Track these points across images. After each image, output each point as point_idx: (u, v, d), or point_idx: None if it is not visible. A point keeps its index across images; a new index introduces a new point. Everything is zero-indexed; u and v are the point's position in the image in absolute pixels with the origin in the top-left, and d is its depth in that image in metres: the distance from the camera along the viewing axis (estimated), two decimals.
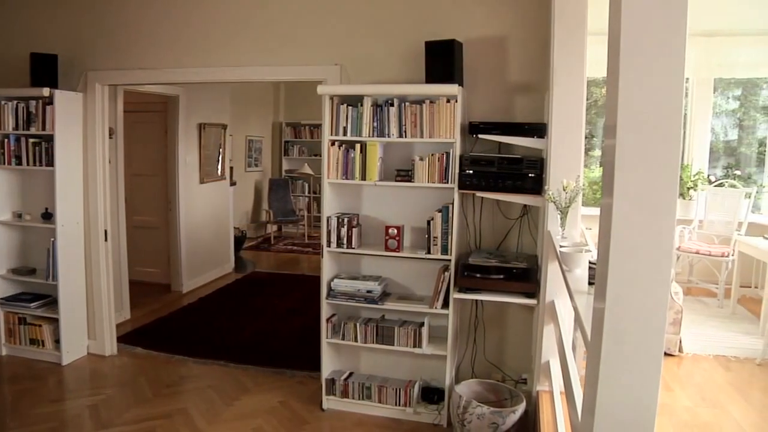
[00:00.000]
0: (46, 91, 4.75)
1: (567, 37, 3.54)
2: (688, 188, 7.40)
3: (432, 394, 4.29)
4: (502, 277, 3.81)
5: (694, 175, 7.43)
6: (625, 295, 1.44)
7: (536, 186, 3.78)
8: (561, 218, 3.24)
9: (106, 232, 5.25)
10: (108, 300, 5.35)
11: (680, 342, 4.93)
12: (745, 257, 6.24)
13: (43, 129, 4.87)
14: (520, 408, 3.78)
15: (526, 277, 3.80)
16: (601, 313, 1.49)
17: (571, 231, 3.34)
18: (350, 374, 4.48)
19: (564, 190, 3.23)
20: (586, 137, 9.39)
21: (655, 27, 1.38)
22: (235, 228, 9.35)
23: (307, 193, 12.13)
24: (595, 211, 6.60)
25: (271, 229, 11.58)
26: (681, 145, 1.39)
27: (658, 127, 1.36)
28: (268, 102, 11.99)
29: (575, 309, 2.16)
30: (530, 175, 3.79)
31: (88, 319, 5.31)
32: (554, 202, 3.25)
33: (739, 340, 5.35)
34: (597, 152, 9.05)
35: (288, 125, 12.27)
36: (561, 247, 2.86)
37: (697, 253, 6.60)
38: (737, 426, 3.82)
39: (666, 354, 4.91)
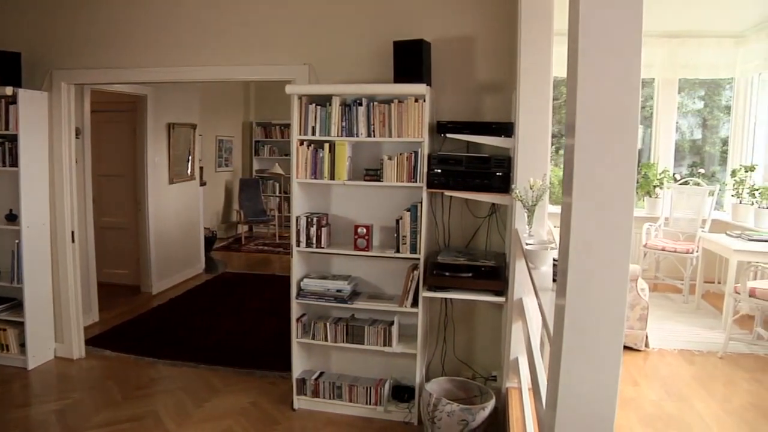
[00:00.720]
0: (9, 90, 4.67)
1: (534, 37, 3.57)
2: (655, 186, 7.52)
3: (403, 393, 4.31)
4: (470, 275, 3.84)
5: (660, 174, 7.55)
6: (585, 290, 1.47)
7: (504, 185, 3.81)
8: (528, 216, 3.28)
9: (73, 233, 5.18)
10: (75, 302, 5.28)
11: (646, 337, 5.02)
12: (708, 253, 6.37)
13: (6, 129, 4.79)
14: (490, 405, 3.81)
15: (494, 275, 3.83)
16: (562, 308, 1.51)
17: (538, 229, 3.38)
18: (321, 374, 4.48)
19: (531, 188, 3.26)
20: (555, 136, 9.49)
21: (612, 29, 1.40)
22: (205, 228, 9.28)
23: (278, 193, 12.08)
24: None
25: (242, 229, 11.52)
26: (637, 144, 1.42)
27: (615, 126, 1.39)
28: (239, 102, 11.93)
29: (540, 306, 2.19)
30: (498, 173, 3.82)
31: (55, 322, 5.23)
32: (521, 201, 3.29)
33: (702, 334, 5.46)
34: None
35: (258, 125, 12.21)
36: (527, 244, 2.89)
37: (663, 249, 6.71)
38: (700, 418, 3.90)
39: (633, 349, 5.00)
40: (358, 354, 4.41)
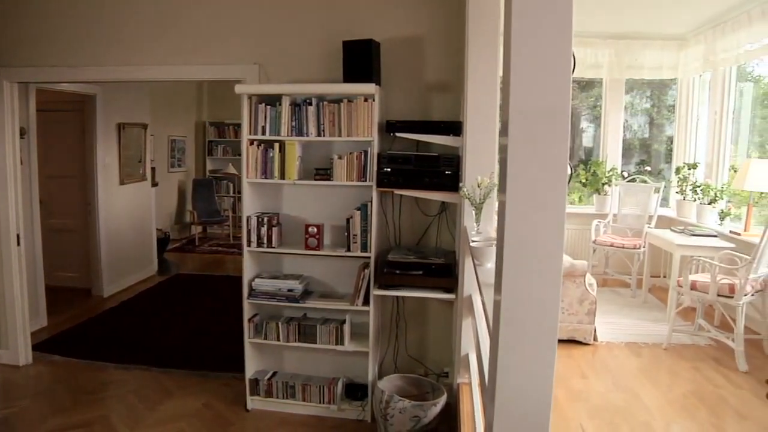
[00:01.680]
0: None
1: (481, 37, 3.63)
2: (603, 184, 7.68)
3: (356, 391, 4.33)
4: (421, 273, 3.88)
5: (609, 171, 7.72)
6: (519, 286, 1.51)
7: (453, 183, 3.86)
8: (476, 214, 3.33)
9: (18, 236, 5.07)
10: (22, 307, 5.15)
11: (595, 331, 5.13)
12: (654, 249, 6.55)
13: None
14: (441, 400, 3.86)
15: (444, 273, 3.88)
16: (498, 304, 1.55)
17: (486, 226, 3.43)
18: (274, 374, 4.48)
19: (478, 186, 3.32)
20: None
21: (543, 30, 1.45)
22: (158, 230, 9.16)
23: (232, 194, 11.98)
24: None
25: (196, 230, 11.40)
26: (569, 143, 1.46)
27: (547, 126, 1.44)
28: (191, 101, 11.79)
29: (482, 302, 2.24)
30: (447, 172, 3.87)
31: None
32: (469, 199, 3.34)
33: (648, 327, 5.60)
34: None
35: (212, 125, 12.09)
36: (473, 241, 2.94)
37: (612, 245, 6.87)
38: (645, 408, 4.01)
39: (582, 343, 5.11)
40: (310, 353, 4.43)
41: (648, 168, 8.09)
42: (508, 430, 1.58)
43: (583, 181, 7.85)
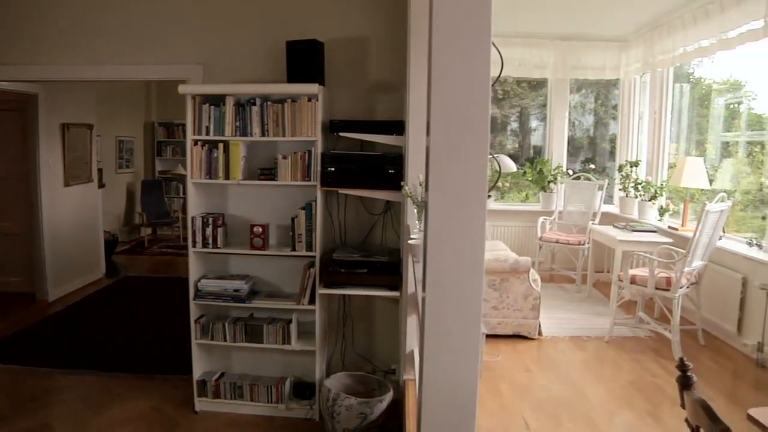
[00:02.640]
0: None
1: (423, 37, 3.68)
2: (549, 181, 7.84)
3: (304, 390, 4.35)
4: (365, 271, 3.92)
5: (554, 169, 7.88)
6: (443, 282, 1.56)
7: (396, 182, 3.90)
8: (418, 212, 3.38)
9: None
10: None
11: (539, 326, 5.25)
12: (598, 245, 6.72)
13: None
14: (387, 397, 3.90)
15: (389, 271, 3.92)
16: (424, 300, 1.60)
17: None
18: (222, 374, 4.46)
19: (420, 185, 3.37)
20: None
21: (463, 31, 1.49)
22: (105, 232, 9.00)
23: (181, 194, 11.82)
24: None
25: (145, 232, 11.22)
26: (488, 142, 1.51)
27: (467, 126, 1.49)
28: (139, 101, 11.61)
29: (416, 298, 2.29)
30: (390, 171, 3.92)
31: None
32: (411, 197, 3.38)
33: (592, 321, 5.75)
34: None
35: (161, 125, 11.93)
36: (411, 239, 2.99)
37: (557, 242, 7.02)
38: (586, 400, 4.13)
39: (527, 338, 5.22)
40: (258, 353, 4.42)
41: (592, 166, 8.28)
42: (436, 420, 1.63)
43: (530, 179, 8.00)
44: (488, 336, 5.14)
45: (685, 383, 1.67)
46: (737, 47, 5.40)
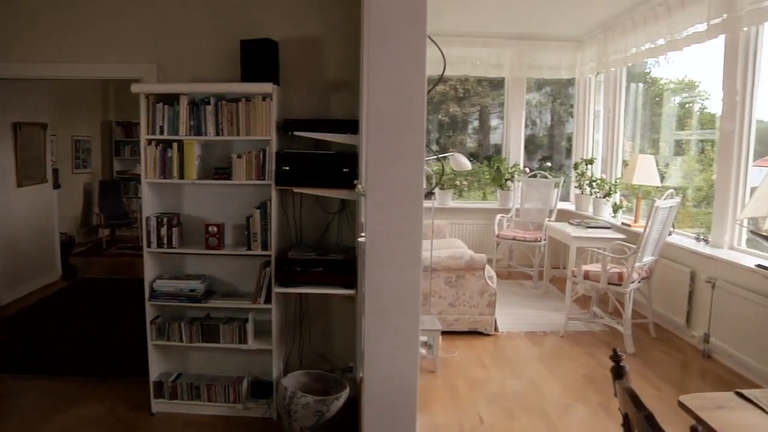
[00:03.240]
0: None
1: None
2: (506, 179, 7.95)
3: (262, 389, 4.34)
4: (321, 269, 3.94)
5: (512, 167, 7.99)
6: (382, 278, 1.59)
7: (351, 180, 3.92)
8: None
9: None
10: None
11: (495, 322, 5.32)
12: (554, 241, 6.84)
13: None
14: (344, 395, 3.92)
15: (344, 269, 3.94)
16: (364, 295, 1.63)
17: None
18: (179, 375, 4.43)
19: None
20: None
21: (398, 32, 1.53)
22: (62, 233, 8.84)
23: (140, 195, 11.63)
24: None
25: (103, 233, 11.06)
26: (424, 139, 1.55)
27: (403, 127, 1.52)
28: (96, 100, 11.42)
29: (363, 295, 2.32)
30: (345, 170, 3.93)
31: None
32: (364, 196, 3.41)
33: (548, 316, 5.86)
34: (433, 147, 9.43)
35: (119, 124, 11.76)
36: (361, 236, 3.02)
37: (514, 239, 7.12)
38: (540, 393, 4.21)
39: (483, 334, 5.29)
40: (215, 353, 4.40)
41: (549, 164, 8.41)
42: (378, 413, 1.66)
43: (488, 177, 8.10)
44: (445, 332, 5.20)
45: (617, 373, 1.73)
46: (684, 48, 5.55)
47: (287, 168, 3.92)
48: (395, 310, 1.59)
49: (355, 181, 3.70)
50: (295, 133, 4.05)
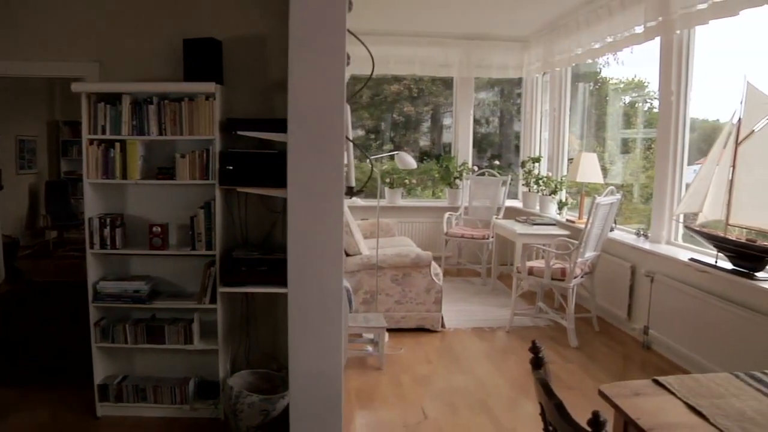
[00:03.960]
0: None
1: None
2: (455, 178, 8.05)
3: (209, 389, 4.33)
4: (265, 268, 3.94)
5: (460, 166, 8.09)
6: (305, 275, 1.63)
7: None
8: None
9: None
10: None
11: (442, 319, 5.40)
12: (501, 239, 6.96)
13: None
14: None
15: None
16: (288, 293, 1.67)
17: None
18: (125, 377, 4.39)
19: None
20: (372, 132, 9.87)
21: (318, 32, 1.57)
22: (5, 236, 8.64)
23: None
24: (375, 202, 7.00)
25: (50, 235, 10.83)
26: (344, 137, 1.59)
27: (323, 127, 1.56)
28: (42, 99, 11.17)
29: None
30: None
31: None
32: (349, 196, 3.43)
33: (495, 312, 5.96)
34: (387, 146, 9.51)
35: (66, 124, 11.51)
36: None
37: (462, 237, 7.22)
38: (484, 388, 4.29)
39: (430, 330, 5.36)
40: (162, 354, 4.37)
41: (497, 162, 8.54)
42: (304, 410, 1.70)
43: (436, 175, 8.19)
44: (393, 330, 5.26)
45: (535, 364, 1.80)
46: (623, 49, 5.72)
47: (231, 167, 3.92)
48: (317, 306, 1.63)
49: None
50: (239, 132, 4.04)
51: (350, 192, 2.82)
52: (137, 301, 4.14)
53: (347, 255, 5.16)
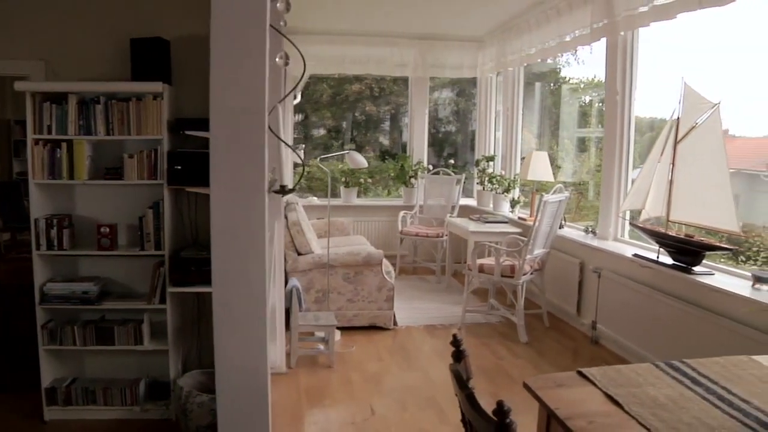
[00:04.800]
0: None
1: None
2: (410, 177, 8.12)
3: (160, 390, 4.31)
4: None
5: (415, 165, 8.17)
6: (228, 273, 1.66)
7: None
8: None
9: None
10: None
11: (394, 316, 5.46)
12: (454, 236, 7.04)
13: None
14: None
15: None
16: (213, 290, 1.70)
17: (271, 220, 3.56)
18: (74, 380, 4.34)
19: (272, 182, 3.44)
20: (331, 131, 9.90)
21: (239, 30, 1.60)
22: None
23: None
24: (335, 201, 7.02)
25: (3, 237, 10.59)
26: (266, 138, 1.63)
27: (244, 126, 1.59)
28: None
29: None
30: None
31: None
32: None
33: (448, 310, 6.03)
34: (349, 146, 9.53)
35: (18, 123, 11.24)
36: None
37: (417, 235, 7.29)
38: (433, 384, 4.35)
39: (382, 328, 5.41)
40: (112, 356, 4.34)
41: (452, 161, 8.63)
42: (229, 405, 1.73)
43: (392, 174, 8.25)
44: (345, 328, 5.30)
45: (456, 357, 1.87)
46: (572, 50, 5.85)
47: (179, 167, 3.91)
48: (241, 303, 1.66)
49: None
50: (187, 132, 4.04)
51: (283, 191, 2.85)
52: (86, 302, 4.10)
53: (299, 254, 5.18)
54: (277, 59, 2.86)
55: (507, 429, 1.42)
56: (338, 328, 5.29)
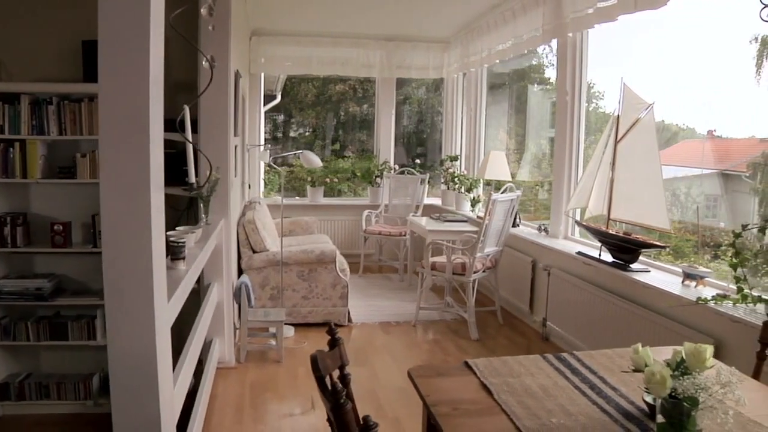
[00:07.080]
0: None
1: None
2: (376, 176, 8.24)
3: None
4: None
5: (381, 165, 8.29)
6: (118, 263, 1.79)
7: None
8: (204, 206, 3.56)
9: None
10: None
11: (348, 313, 5.57)
12: (416, 235, 7.16)
13: None
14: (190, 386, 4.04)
15: None
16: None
17: (216, 217, 3.67)
18: (28, 375, 4.42)
19: (207, 181, 3.55)
20: (316, 130, 9.99)
21: (125, 33, 1.71)
22: None
23: None
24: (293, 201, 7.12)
25: None
26: (158, 132, 1.76)
27: (131, 121, 1.71)
28: None
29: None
30: (184, 168, 4.05)
31: None
32: (197, 192, 3.56)
33: (406, 307, 6.13)
34: (335, 146, 9.62)
35: None
36: (174, 229, 3.17)
37: (380, 234, 7.40)
38: (376, 378, 4.46)
39: (336, 325, 5.52)
40: (67, 351, 4.43)
41: (418, 161, 8.74)
42: (122, 385, 1.86)
43: (358, 174, 8.38)
44: (300, 325, 5.40)
45: (330, 345, 2.00)
46: (526, 50, 6.00)
47: None
48: (131, 294, 1.78)
49: (187, 179, 3.83)
50: None
51: (191, 188, 2.98)
52: (39, 298, 4.19)
53: (254, 252, 5.28)
54: (203, 63, 2.98)
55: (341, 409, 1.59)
56: (293, 324, 5.39)
